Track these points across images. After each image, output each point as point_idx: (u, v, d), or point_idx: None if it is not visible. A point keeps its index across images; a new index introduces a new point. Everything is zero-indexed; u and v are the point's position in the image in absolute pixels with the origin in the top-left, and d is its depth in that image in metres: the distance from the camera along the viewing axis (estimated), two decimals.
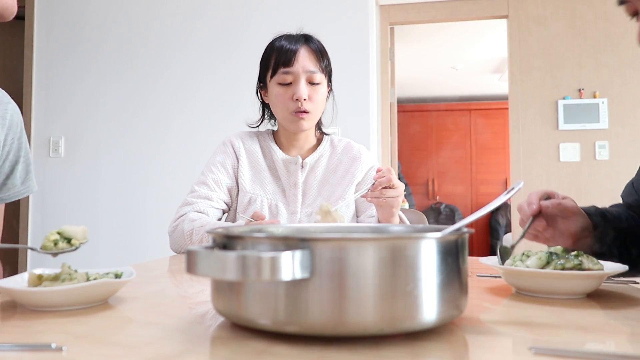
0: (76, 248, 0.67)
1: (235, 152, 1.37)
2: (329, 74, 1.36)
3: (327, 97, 1.39)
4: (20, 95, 3.03)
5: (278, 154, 1.36)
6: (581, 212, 0.86)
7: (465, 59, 4.92)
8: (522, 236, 0.81)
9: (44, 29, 3.01)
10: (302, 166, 1.35)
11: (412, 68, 5.07)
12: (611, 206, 1.02)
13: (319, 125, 1.43)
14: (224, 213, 1.37)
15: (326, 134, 1.44)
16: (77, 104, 2.97)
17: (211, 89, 2.84)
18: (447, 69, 5.24)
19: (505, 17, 3.13)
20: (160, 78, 2.89)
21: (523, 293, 0.68)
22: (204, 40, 2.86)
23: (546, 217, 0.84)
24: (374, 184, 1.14)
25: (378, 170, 1.16)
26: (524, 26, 3.09)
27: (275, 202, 1.33)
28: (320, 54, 1.32)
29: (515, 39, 3.10)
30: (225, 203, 1.35)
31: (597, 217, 0.89)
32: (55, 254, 0.66)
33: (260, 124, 1.44)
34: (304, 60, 1.28)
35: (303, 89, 1.27)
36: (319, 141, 1.42)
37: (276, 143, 1.40)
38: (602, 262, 0.68)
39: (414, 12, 3.18)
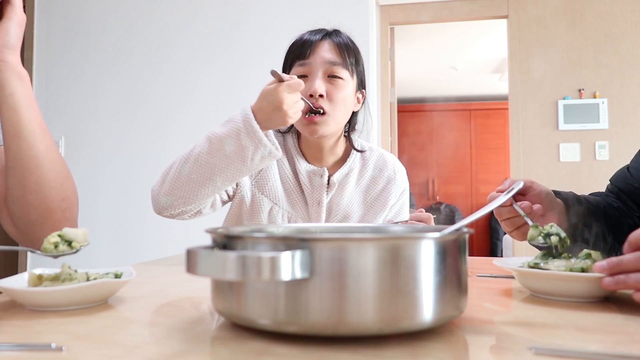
0: (77, 251, 0.67)
1: None
2: (358, 75, 1.18)
3: (362, 105, 1.22)
4: None
5: (302, 163, 1.20)
6: (537, 184, 0.86)
7: (465, 59, 4.93)
8: (529, 219, 0.80)
9: (43, 29, 3.01)
10: (328, 183, 1.19)
11: (412, 68, 5.07)
12: (591, 194, 1.02)
13: (348, 135, 1.24)
14: (224, 203, 1.20)
15: (357, 150, 1.24)
16: (77, 104, 2.97)
17: (211, 86, 2.84)
18: (447, 69, 5.24)
19: (505, 17, 3.13)
20: (160, 77, 2.89)
21: (538, 295, 0.66)
22: (203, 38, 2.86)
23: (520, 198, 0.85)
24: (407, 221, 1.09)
25: (419, 210, 1.10)
26: (524, 26, 3.09)
27: (295, 219, 1.19)
28: (345, 48, 1.13)
29: (515, 39, 3.10)
30: (228, 195, 1.19)
31: (573, 202, 0.89)
32: (55, 257, 0.66)
33: (289, 130, 1.25)
34: (323, 52, 1.11)
35: (319, 82, 1.09)
36: (348, 152, 1.24)
37: (300, 150, 1.22)
38: None
39: (414, 12, 3.18)
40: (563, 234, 0.70)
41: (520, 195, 0.87)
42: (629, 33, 2.97)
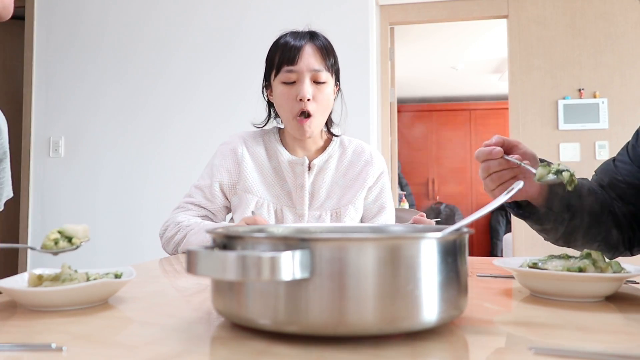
0: (77, 247, 0.66)
1: (237, 158, 1.31)
2: (336, 73, 1.30)
3: (335, 97, 1.34)
4: (20, 95, 3.03)
5: (284, 155, 1.31)
6: (526, 147, 0.86)
7: (465, 59, 4.93)
8: (526, 165, 0.78)
9: (43, 29, 3.01)
10: (309, 168, 1.30)
11: (412, 68, 5.07)
12: (579, 178, 1.02)
13: (327, 126, 1.36)
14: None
15: (335, 135, 1.37)
16: (77, 104, 2.97)
17: (211, 88, 2.84)
18: (447, 69, 5.24)
19: (505, 17, 3.13)
20: (159, 77, 2.89)
21: (538, 296, 0.65)
22: (203, 39, 2.86)
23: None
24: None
25: (420, 215, 1.19)
26: (524, 26, 3.09)
27: (281, 207, 1.29)
28: (326, 51, 1.26)
29: (515, 39, 3.10)
30: (222, 209, 1.33)
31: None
32: (55, 253, 0.65)
33: (266, 124, 1.38)
34: (309, 58, 1.23)
35: (307, 88, 1.22)
36: (328, 141, 1.36)
37: (282, 143, 1.34)
38: (626, 265, 0.66)
39: (414, 12, 3.18)
40: (572, 170, 0.69)
41: (505, 153, 0.85)
42: (629, 33, 2.97)
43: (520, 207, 0.92)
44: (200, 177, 1.34)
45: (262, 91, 1.36)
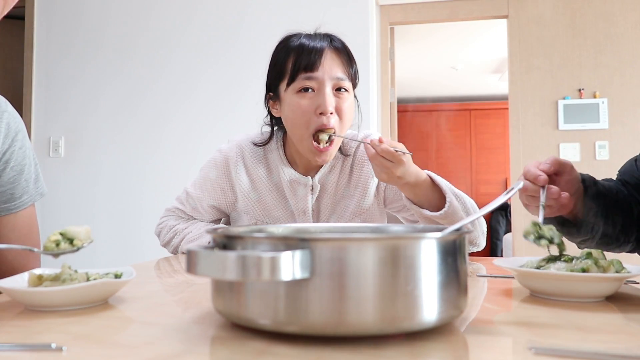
0: (78, 249, 0.66)
1: (232, 179, 1.19)
2: (355, 78, 1.14)
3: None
4: (20, 95, 3.03)
5: (286, 173, 1.16)
6: (574, 169, 0.87)
7: (465, 59, 4.93)
8: (543, 210, 0.77)
9: (43, 29, 3.01)
10: (311, 188, 1.17)
11: (412, 68, 5.07)
12: (603, 179, 1.04)
13: None
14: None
15: (343, 154, 1.21)
16: (77, 104, 2.97)
17: (210, 87, 2.84)
18: (447, 69, 5.24)
19: (505, 17, 3.13)
20: (159, 77, 2.89)
21: (538, 296, 0.65)
22: (202, 39, 2.86)
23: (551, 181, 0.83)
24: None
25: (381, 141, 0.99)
26: (524, 26, 3.09)
27: None
28: (348, 56, 1.11)
29: (515, 39, 3.10)
30: (211, 218, 1.27)
31: (590, 183, 0.91)
32: (56, 255, 0.65)
33: (267, 143, 1.20)
34: (331, 63, 1.07)
35: (329, 99, 1.05)
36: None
37: (286, 154, 1.19)
38: (628, 265, 0.66)
39: (414, 12, 3.18)
40: (557, 240, 0.68)
41: (555, 175, 0.84)
42: (629, 33, 2.97)
43: (558, 224, 0.92)
44: (194, 183, 1.25)
45: (265, 104, 1.18)
